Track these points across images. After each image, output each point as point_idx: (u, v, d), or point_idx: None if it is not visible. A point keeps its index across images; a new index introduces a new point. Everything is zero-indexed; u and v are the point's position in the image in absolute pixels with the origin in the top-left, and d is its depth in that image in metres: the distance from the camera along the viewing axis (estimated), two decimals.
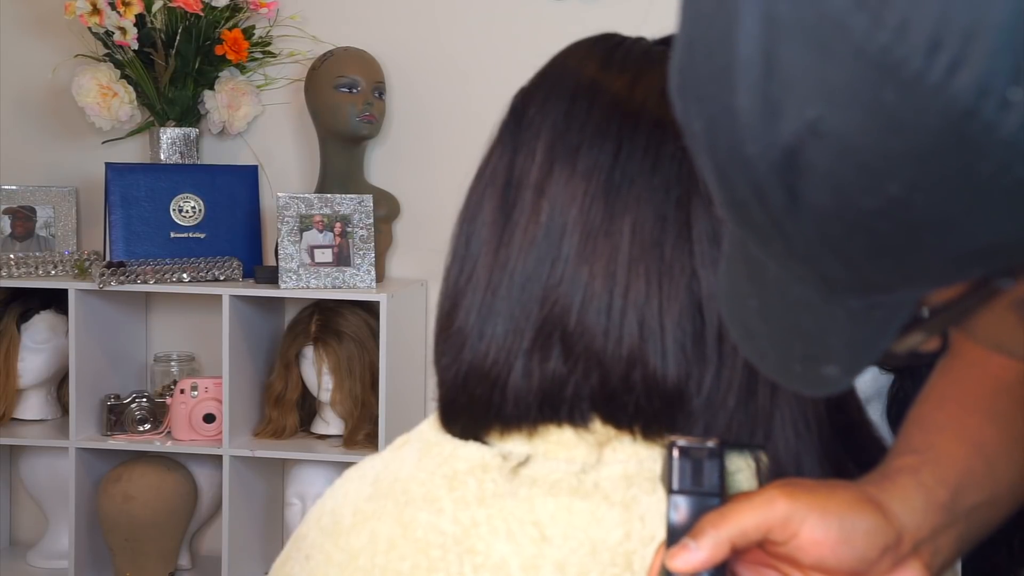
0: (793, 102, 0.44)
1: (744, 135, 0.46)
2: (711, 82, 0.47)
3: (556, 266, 0.74)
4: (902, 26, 0.41)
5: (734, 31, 0.45)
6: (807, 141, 0.44)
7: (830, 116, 0.43)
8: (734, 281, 0.56)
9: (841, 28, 0.42)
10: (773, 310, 0.53)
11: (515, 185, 0.77)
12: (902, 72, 0.41)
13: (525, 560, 0.72)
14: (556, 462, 0.74)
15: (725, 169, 0.48)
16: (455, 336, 0.77)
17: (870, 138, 0.43)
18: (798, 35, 0.43)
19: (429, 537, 0.74)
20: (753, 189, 0.47)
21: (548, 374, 0.74)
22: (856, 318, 0.50)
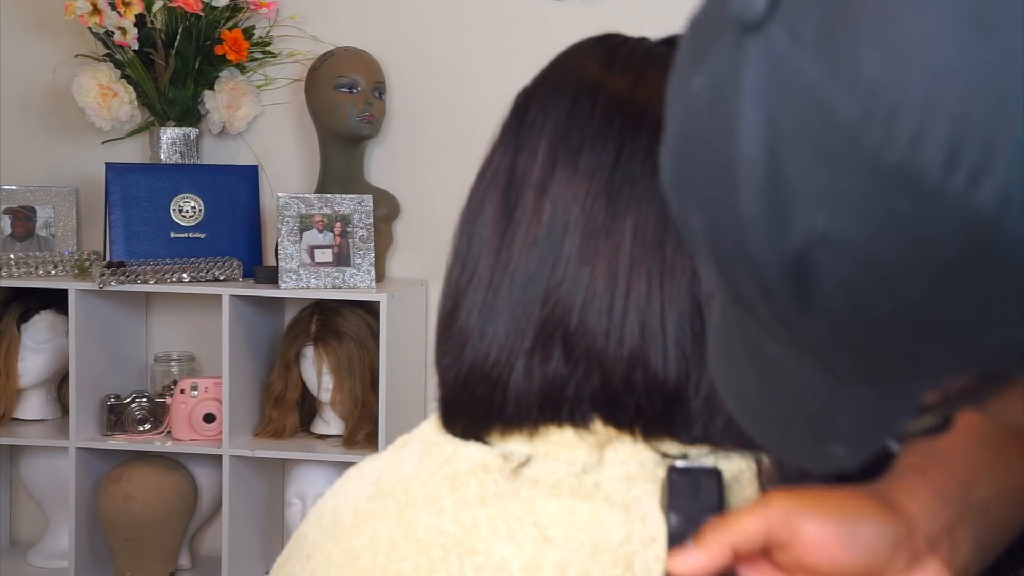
0: (801, 209, 0.42)
1: (749, 238, 0.44)
2: (711, 181, 0.45)
3: (558, 266, 0.74)
4: (917, 137, 0.39)
5: (735, 132, 0.43)
6: (817, 248, 0.42)
7: (841, 225, 0.42)
8: (729, 356, 0.55)
9: (851, 140, 0.41)
10: (774, 389, 0.51)
11: (517, 185, 0.77)
12: (919, 185, 0.40)
13: (526, 561, 0.72)
14: (557, 463, 0.74)
15: (728, 268, 0.46)
16: (456, 336, 0.77)
17: (885, 248, 0.41)
18: (803, 142, 0.42)
19: (430, 537, 0.74)
20: (760, 289, 0.45)
21: (549, 374, 0.74)
22: (865, 404, 0.49)
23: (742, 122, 0.43)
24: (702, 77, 0.46)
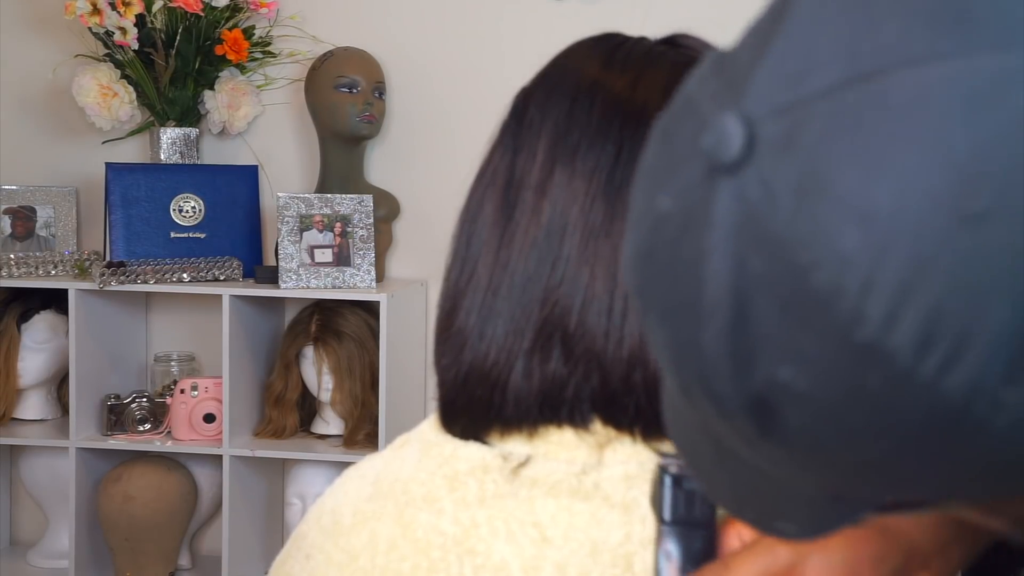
0: (765, 359, 0.42)
1: (711, 372, 0.43)
2: (675, 308, 0.44)
3: (557, 267, 0.74)
4: (889, 320, 0.39)
5: (702, 268, 0.42)
6: (779, 396, 0.42)
7: (805, 383, 0.41)
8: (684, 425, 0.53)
9: (821, 308, 0.40)
10: (728, 467, 0.51)
11: (516, 185, 0.76)
12: (889, 365, 0.39)
13: (525, 561, 0.72)
14: (556, 463, 0.74)
15: (688, 388, 0.46)
16: (455, 336, 0.77)
17: (849, 411, 0.41)
18: (772, 296, 0.41)
19: (429, 538, 0.74)
20: (721, 416, 0.45)
21: (548, 375, 0.74)
22: (818, 504, 0.49)
23: (709, 260, 0.42)
24: (669, 198, 0.44)
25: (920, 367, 0.39)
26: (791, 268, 0.40)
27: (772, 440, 0.44)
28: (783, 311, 0.41)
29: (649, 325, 0.47)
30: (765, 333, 0.41)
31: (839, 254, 0.39)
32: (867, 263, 0.39)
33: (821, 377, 0.41)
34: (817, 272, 0.39)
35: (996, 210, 0.38)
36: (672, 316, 0.45)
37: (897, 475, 0.43)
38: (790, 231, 0.40)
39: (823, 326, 0.40)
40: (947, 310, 0.38)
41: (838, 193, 0.39)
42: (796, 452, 0.44)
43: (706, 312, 0.42)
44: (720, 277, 0.42)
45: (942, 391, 0.39)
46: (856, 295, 0.39)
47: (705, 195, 0.42)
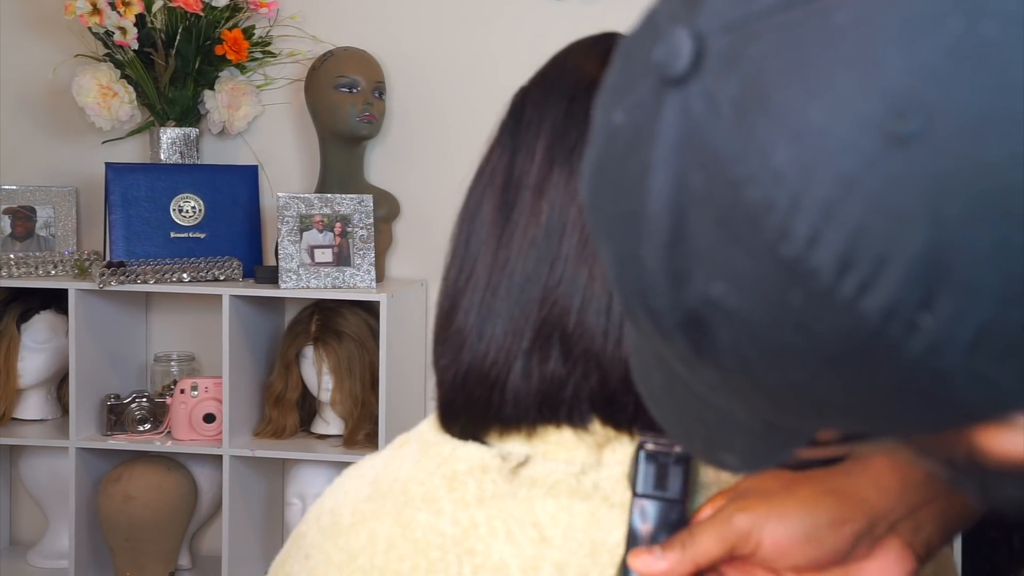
0: (699, 274, 0.43)
1: (649, 287, 0.45)
2: (619, 222, 0.46)
3: (555, 267, 0.74)
4: (813, 238, 0.40)
5: (645, 182, 0.43)
6: (712, 313, 0.43)
7: (735, 297, 0.42)
8: (640, 349, 0.55)
9: (752, 223, 0.41)
10: (677, 392, 0.52)
11: (514, 185, 0.76)
12: (811, 282, 0.40)
13: (525, 561, 0.72)
14: (556, 463, 0.74)
15: (630, 305, 0.47)
16: (454, 337, 0.77)
17: (774, 328, 0.42)
18: (709, 210, 0.42)
19: (428, 538, 0.74)
20: (658, 332, 0.46)
21: (547, 375, 0.74)
22: (755, 433, 0.50)
23: (653, 174, 0.43)
24: (623, 113, 0.45)
25: (840, 286, 0.40)
26: (727, 183, 0.41)
27: (706, 361, 0.45)
28: (717, 226, 0.42)
29: (598, 240, 0.49)
30: (700, 248, 0.42)
31: (772, 170, 0.40)
32: (796, 180, 0.40)
33: (749, 294, 0.42)
34: (750, 187, 0.40)
35: (923, 135, 0.38)
36: (617, 230, 0.46)
37: (820, 401, 0.44)
38: (728, 146, 0.41)
39: (753, 241, 0.41)
40: (868, 231, 0.39)
41: (775, 110, 0.40)
42: (728, 374, 0.45)
43: (647, 226, 0.44)
44: (661, 190, 0.43)
45: (860, 312, 0.40)
46: (784, 211, 0.40)
47: (654, 109, 0.43)
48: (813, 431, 0.49)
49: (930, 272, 0.39)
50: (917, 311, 0.39)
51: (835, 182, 0.39)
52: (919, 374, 0.41)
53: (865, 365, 0.41)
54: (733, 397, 0.47)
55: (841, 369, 0.42)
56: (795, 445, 0.50)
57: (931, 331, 0.40)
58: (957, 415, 0.43)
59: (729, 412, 0.49)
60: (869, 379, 0.42)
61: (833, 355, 0.41)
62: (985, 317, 0.39)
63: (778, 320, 0.42)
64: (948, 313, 0.39)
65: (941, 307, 0.39)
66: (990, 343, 0.40)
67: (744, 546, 0.66)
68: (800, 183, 0.40)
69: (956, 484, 0.51)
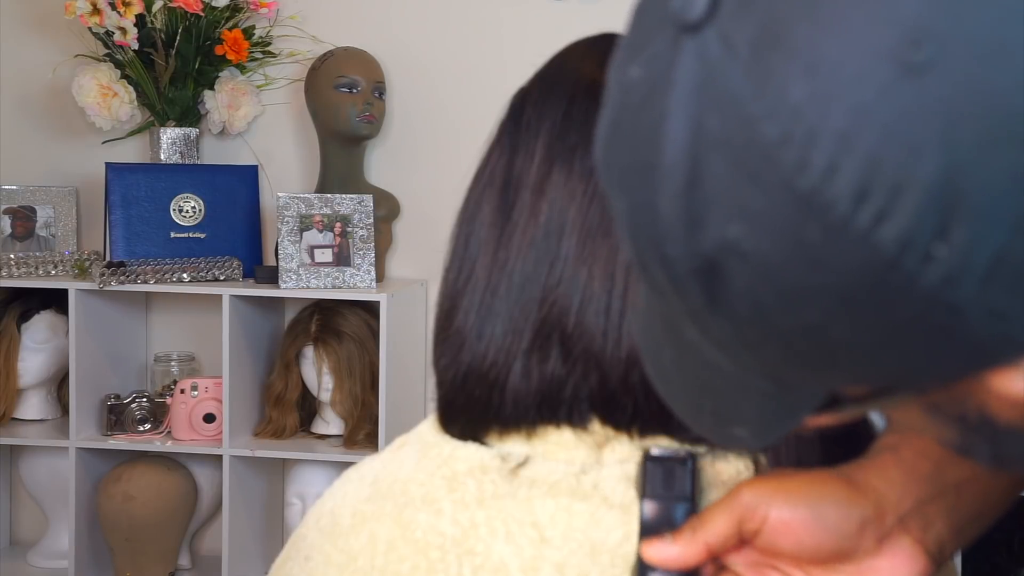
0: (715, 218, 0.43)
1: (664, 236, 0.45)
2: (634, 172, 0.46)
3: (555, 267, 0.74)
4: (829, 169, 0.40)
5: (661, 130, 0.44)
6: (727, 257, 0.43)
7: (751, 239, 0.43)
8: (650, 326, 0.56)
9: (769, 159, 0.41)
10: (687, 364, 0.53)
11: (514, 186, 0.76)
12: (827, 214, 0.41)
13: (525, 562, 0.72)
14: (555, 463, 0.74)
15: (644, 258, 0.48)
16: (454, 337, 0.77)
17: (790, 268, 0.42)
18: (725, 153, 0.42)
19: (428, 538, 0.74)
20: (672, 284, 0.46)
21: (547, 375, 0.74)
22: (767, 398, 0.50)
23: (669, 122, 0.44)
24: (639, 67, 0.46)
25: (856, 217, 0.40)
26: (744, 122, 0.42)
27: (720, 311, 0.45)
28: (734, 167, 0.42)
29: (612, 196, 0.49)
30: (716, 192, 0.43)
31: (788, 104, 0.41)
32: (812, 113, 0.40)
33: (765, 233, 0.42)
34: (767, 124, 0.41)
35: (936, 63, 0.39)
36: (632, 181, 0.46)
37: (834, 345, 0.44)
38: (745, 85, 0.42)
39: (770, 178, 0.41)
40: (883, 160, 0.40)
41: (790, 45, 0.41)
42: (742, 324, 0.45)
43: (663, 174, 0.44)
44: (678, 137, 0.44)
45: (875, 243, 0.40)
46: (801, 144, 0.40)
47: (670, 59, 0.44)
48: (825, 389, 0.49)
49: (944, 200, 0.39)
50: (932, 241, 0.40)
51: (850, 113, 0.40)
52: (933, 308, 0.41)
53: (880, 300, 0.42)
54: (746, 353, 0.47)
55: (856, 306, 0.42)
56: (806, 409, 0.50)
57: (945, 261, 0.40)
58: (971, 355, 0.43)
59: (740, 377, 0.50)
60: (884, 316, 0.42)
61: (848, 291, 0.42)
62: (998, 246, 0.40)
63: (794, 258, 0.42)
64: (962, 242, 0.40)
65: (955, 236, 0.40)
66: (1003, 273, 0.40)
67: (750, 520, 0.66)
68: (816, 116, 0.40)
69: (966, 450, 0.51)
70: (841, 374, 0.47)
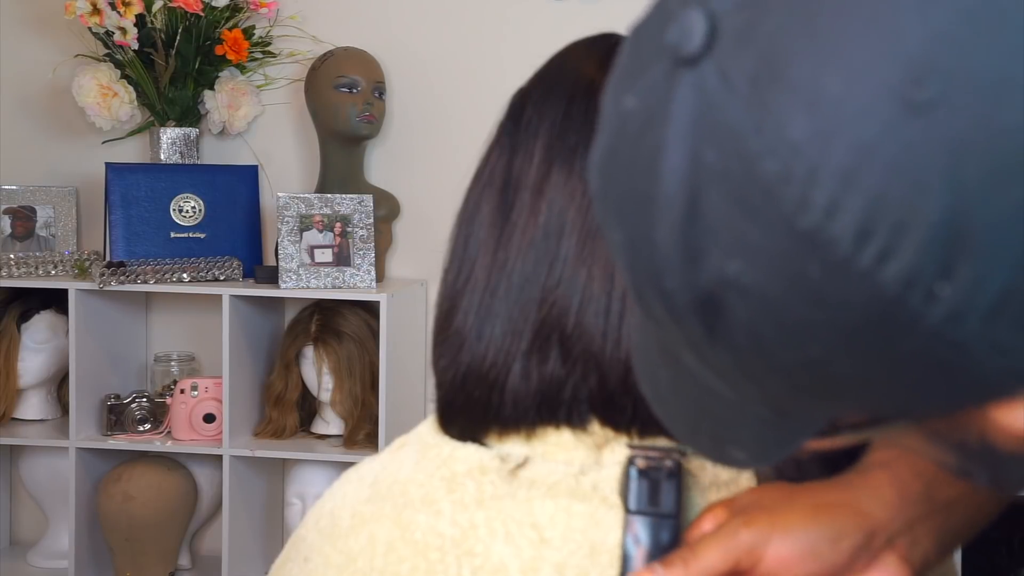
0: (714, 252, 0.43)
1: (662, 268, 0.44)
2: (631, 204, 0.45)
3: (554, 267, 0.74)
4: (831, 208, 0.40)
5: (659, 162, 0.43)
6: (726, 291, 0.43)
7: (751, 274, 0.42)
8: (646, 347, 0.55)
9: (769, 196, 0.41)
10: (684, 387, 0.52)
11: (513, 186, 0.76)
12: (829, 253, 0.40)
13: (524, 562, 0.72)
14: (555, 464, 0.74)
15: (642, 289, 0.47)
16: (453, 337, 0.76)
17: (791, 304, 0.42)
18: (724, 188, 0.42)
19: (428, 539, 0.74)
20: (670, 315, 0.46)
21: (546, 376, 0.73)
22: (766, 423, 0.50)
23: (667, 154, 0.43)
24: (635, 97, 0.45)
25: (859, 256, 0.40)
26: (743, 157, 0.41)
27: (719, 344, 0.45)
28: (733, 202, 0.42)
29: (608, 227, 0.48)
30: (715, 226, 0.42)
31: (788, 141, 0.40)
32: (814, 150, 0.40)
33: (765, 269, 0.42)
34: (767, 160, 0.40)
35: (941, 100, 0.38)
36: (629, 213, 0.46)
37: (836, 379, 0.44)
38: (744, 120, 0.41)
39: (770, 215, 0.41)
40: (887, 199, 0.39)
41: (791, 81, 0.40)
42: (742, 356, 0.45)
43: (661, 207, 0.44)
44: (675, 170, 0.43)
45: (879, 281, 0.40)
46: (802, 182, 0.40)
47: (667, 90, 0.43)
48: (825, 417, 0.49)
49: (949, 239, 0.39)
50: (936, 280, 0.39)
51: (853, 150, 0.39)
52: (937, 345, 0.41)
53: (883, 337, 0.41)
54: (746, 382, 0.47)
55: (859, 343, 0.42)
56: (806, 435, 0.50)
57: (950, 300, 0.39)
58: (974, 390, 0.43)
59: (739, 403, 0.49)
60: (887, 352, 0.42)
61: (851, 328, 0.41)
62: (1002, 284, 0.39)
63: (795, 295, 0.41)
64: (967, 281, 0.39)
65: (960, 275, 0.39)
66: (1007, 310, 0.40)
67: (747, 560, 0.67)
68: (818, 153, 0.40)
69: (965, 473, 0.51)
70: (842, 404, 0.46)
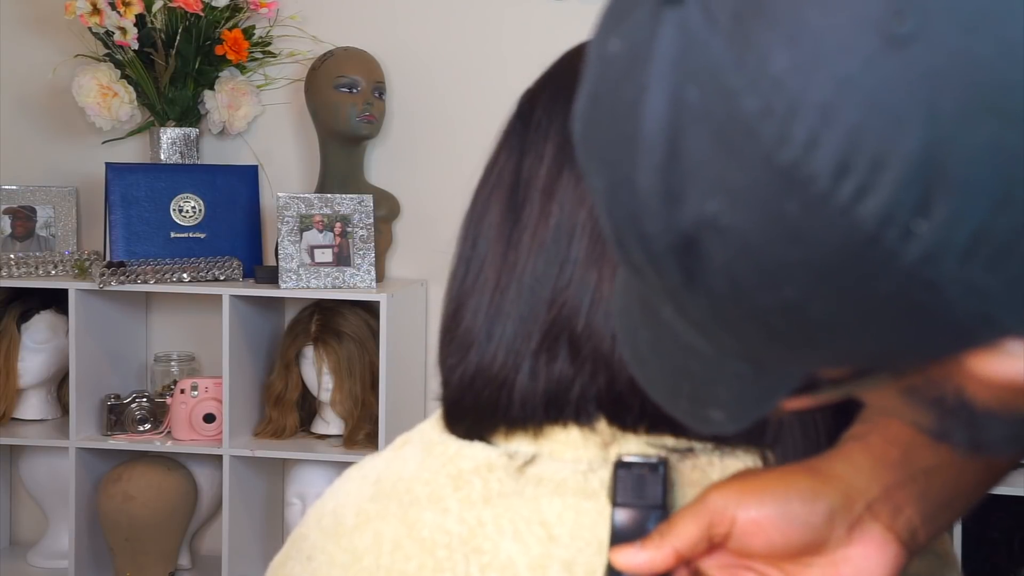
0: (694, 193, 0.43)
1: (643, 211, 0.44)
2: (613, 148, 0.45)
3: (564, 269, 0.74)
4: (810, 144, 0.40)
5: (641, 104, 0.43)
6: (706, 233, 0.43)
7: (730, 214, 0.42)
8: (628, 308, 0.55)
9: (750, 132, 0.41)
10: (664, 346, 0.52)
11: (523, 187, 0.76)
12: (808, 189, 0.40)
13: (532, 560, 0.72)
14: (562, 462, 0.74)
15: (622, 235, 0.47)
16: (462, 337, 0.76)
17: (769, 243, 0.42)
18: (705, 127, 0.42)
19: (435, 537, 0.74)
20: (649, 261, 0.46)
21: (555, 376, 0.73)
22: (743, 379, 0.50)
23: (648, 94, 0.43)
24: (619, 40, 0.45)
25: (836, 191, 0.40)
26: (724, 94, 0.41)
27: (697, 289, 0.45)
28: (714, 141, 0.41)
29: (590, 174, 0.48)
30: (696, 166, 0.42)
31: (769, 76, 0.40)
32: (794, 84, 0.40)
33: (744, 208, 0.42)
34: (748, 96, 0.40)
35: (919, 33, 0.39)
36: (611, 157, 0.46)
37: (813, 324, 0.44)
38: (726, 56, 0.41)
39: (749, 152, 0.41)
40: (865, 132, 0.39)
41: (772, 16, 0.40)
42: (719, 302, 0.45)
43: (642, 148, 0.43)
44: (657, 110, 0.43)
45: (856, 218, 0.40)
46: (782, 117, 0.40)
47: (650, 31, 0.43)
48: (803, 369, 0.49)
49: (925, 173, 0.39)
50: (913, 216, 0.39)
51: (833, 84, 0.39)
52: (913, 285, 0.41)
53: (859, 277, 0.41)
54: (724, 332, 0.47)
55: (835, 283, 0.42)
56: (783, 390, 0.50)
57: (926, 238, 0.40)
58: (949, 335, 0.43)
59: (717, 360, 0.49)
60: (863, 293, 0.42)
61: (827, 268, 0.41)
62: (978, 223, 0.39)
63: (773, 233, 0.41)
64: (943, 219, 0.39)
65: (936, 212, 0.39)
66: (983, 251, 0.40)
67: (719, 524, 0.66)
68: (798, 87, 0.40)
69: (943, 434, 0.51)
70: (819, 354, 0.46)
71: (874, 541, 0.66)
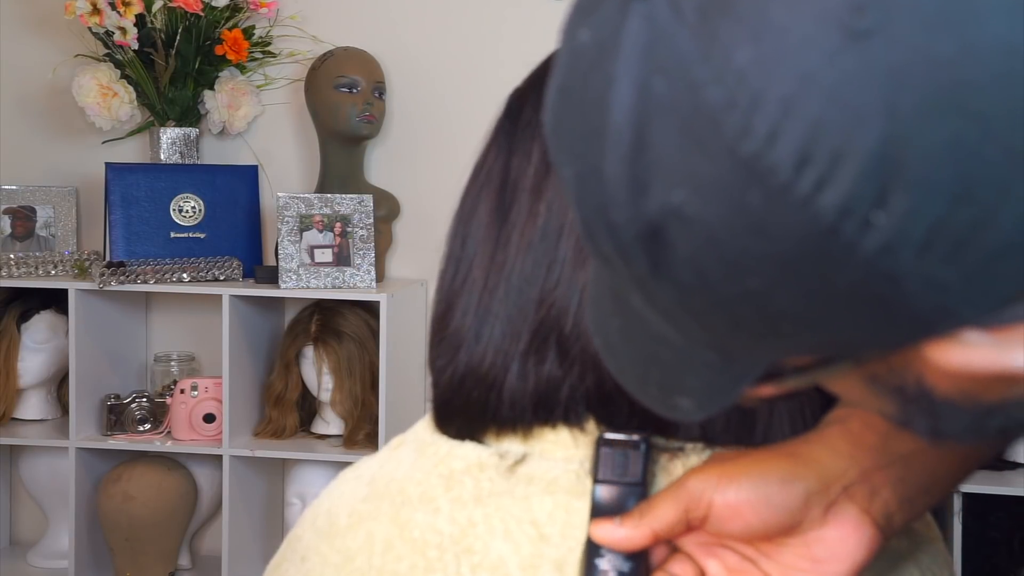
0: (660, 183, 0.43)
1: (610, 201, 0.45)
2: (582, 137, 0.46)
3: (553, 269, 0.73)
4: (772, 135, 0.40)
5: (608, 94, 0.44)
6: (671, 222, 0.44)
7: (695, 204, 0.43)
8: (599, 295, 0.56)
9: (713, 123, 0.41)
10: (633, 335, 0.53)
11: (511, 187, 0.76)
12: (769, 180, 0.41)
13: (523, 559, 0.72)
14: (553, 461, 0.74)
15: (590, 225, 0.48)
16: (451, 337, 0.76)
17: (732, 234, 0.42)
18: (671, 117, 0.42)
19: (426, 537, 0.74)
20: (617, 251, 0.47)
21: (543, 376, 0.73)
22: (711, 368, 0.50)
23: (616, 86, 0.44)
24: (588, 31, 0.46)
25: (797, 183, 0.40)
26: (689, 86, 0.42)
27: (663, 278, 0.46)
28: (679, 132, 0.42)
29: (559, 164, 0.49)
30: (661, 156, 0.43)
31: (734, 69, 0.41)
32: (756, 77, 0.40)
33: (708, 198, 0.42)
34: (712, 88, 0.41)
35: (879, 29, 0.39)
36: (580, 147, 0.47)
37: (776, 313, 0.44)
38: (691, 49, 0.42)
39: (713, 143, 0.41)
40: (825, 127, 0.40)
41: (738, 11, 0.41)
42: (685, 292, 0.45)
43: (610, 139, 0.44)
44: (624, 101, 0.44)
45: (815, 209, 0.40)
46: (745, 109, 0.41)
47: (618, 23, 0.44)
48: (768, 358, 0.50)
49: (884, 167, 0.40)
50: (871, 208, 0.40)
51: (794, 78, 0.40)
52: (872, 276, 0.41)
53: (820, 268, 0.42)
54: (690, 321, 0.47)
55: (796, 274, 0.42)
56: (750, 377, 0.51)
57: (884, 229, 0.40)
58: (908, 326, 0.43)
59: (685, 348, 0.50)
60: (824, 284, 0.42)
61: (789, 259, 0.42)
62: (936, 216, 0.40)
63: (736, 224, 0.42)
64: (901, 211, 0.40)
65: (894, 205, 0.40)
66: (940, 244, 0.40)
67: (697, 508, 0.66)
68: (761, 80, 0.40)
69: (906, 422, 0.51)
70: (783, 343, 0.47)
71: (850, 523, 0.66)
